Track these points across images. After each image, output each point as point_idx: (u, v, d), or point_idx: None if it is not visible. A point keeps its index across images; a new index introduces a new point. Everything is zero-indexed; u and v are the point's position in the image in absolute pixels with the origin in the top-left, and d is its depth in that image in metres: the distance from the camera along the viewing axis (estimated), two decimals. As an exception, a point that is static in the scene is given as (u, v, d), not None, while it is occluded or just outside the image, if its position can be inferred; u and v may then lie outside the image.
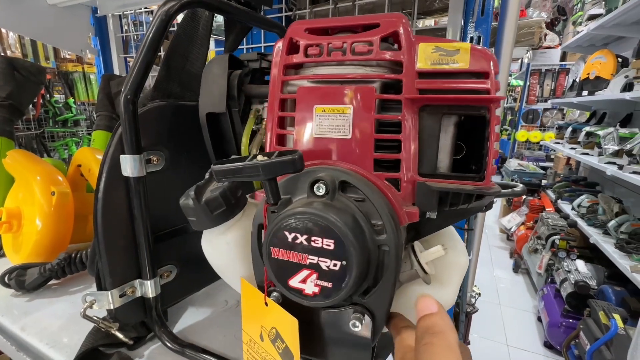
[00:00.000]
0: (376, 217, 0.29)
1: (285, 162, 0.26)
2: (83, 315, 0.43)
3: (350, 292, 0.28)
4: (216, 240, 0.36)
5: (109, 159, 0.41)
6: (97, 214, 0.42)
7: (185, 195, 0.34)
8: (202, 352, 0.47)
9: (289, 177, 0.31)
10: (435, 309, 0.25)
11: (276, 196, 0.28)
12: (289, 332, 0.31)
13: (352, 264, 0.27)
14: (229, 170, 0.26)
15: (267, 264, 0.29)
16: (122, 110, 0.39)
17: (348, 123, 0.30)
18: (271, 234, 0.28)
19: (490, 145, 0.31)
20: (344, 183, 0.29)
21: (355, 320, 0.30)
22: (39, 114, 2.52)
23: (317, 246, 0.27)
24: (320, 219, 0.27)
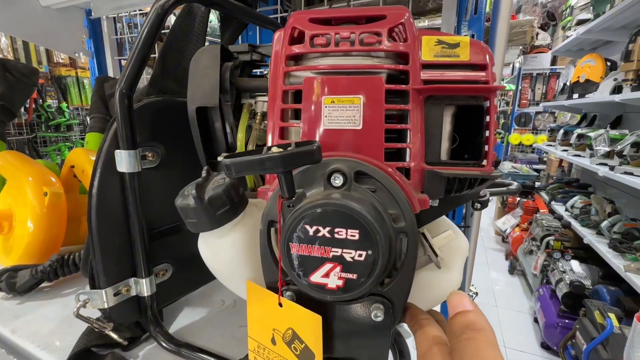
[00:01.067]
0: (391, 206, 0.29)
1: (305, 153, 0.25)
2: (76, 314, 0.42)
3: (375, 281, 0.27)
4: (217, 243, 0.35)
5: (104, 154, 0.41)
6: (91, 211, 0.41)
7: (182, 195, 0.33)
8: (198, 351, 0.46)
9: (301, 169, 0.30)
10: (471, 306, 0.25)
11: (292, 190, 0.27)
12: (309, 330, 0.30)
13: (377, 253, 0.26)
14: (246, 163, 0.25)
15: (285, 261, 0.28)
16: (117, 105, 0.39)
17: (359, 114, 0.30)
18: (289, 229, 0.28)
19: (490, 132, 0.31)
20: (359, 173, 0.29)
21: (376, 311, 0.29)
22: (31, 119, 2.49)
23: (341, 237, 0.27)
24: (345, 209, 0.26)
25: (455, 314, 0.25)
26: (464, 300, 0.26)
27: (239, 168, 0.26)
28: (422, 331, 0.28)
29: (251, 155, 0.26)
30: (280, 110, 0.32)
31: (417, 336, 0.29)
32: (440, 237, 0.32)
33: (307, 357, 0.31)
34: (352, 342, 0.32)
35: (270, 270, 0.32)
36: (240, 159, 0.25)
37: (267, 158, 0.25)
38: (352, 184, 0.29)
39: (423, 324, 0.29)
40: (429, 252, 0.31)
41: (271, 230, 0.32)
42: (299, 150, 0.25)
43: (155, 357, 0.47)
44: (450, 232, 0.32)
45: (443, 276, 0.33)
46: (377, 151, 0.30)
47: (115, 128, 0.40)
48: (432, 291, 0.34)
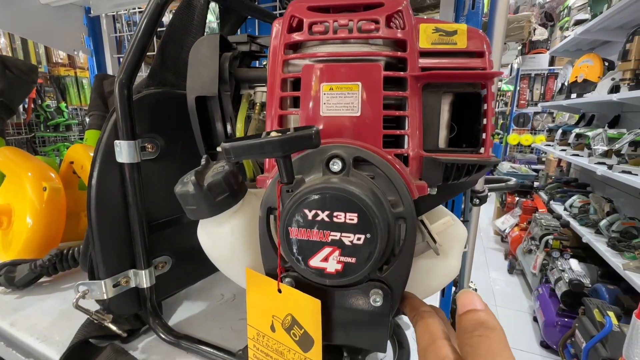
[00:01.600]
0: (390, 192, 0.29)
1: (304, 137, 0.25)
2: (75, 305, 0.42)
3: (374, 266, 0.27)
4: (216, 231, 0.35)
5: (103, 144, 0.41)
6: (91, 201, 0.41)
7: (181, 182, 0.33)
8: (198, 343, 0.46)
9: (300, 155, 0.30)
10: (482, 305, 0.25)
11: (291, 175, 0.28)
12: (308, 315, 0.30)
13: (376, 236, 0.26)
14: (246, 147, 0.25)
15: (284, 246, 0.29)
16: (116, 95, 0.39)
17: (357, 100, 0.30)
18: (288, 214, 0.28)
19: (488, 119, 0.32)
20: (358, 159, 0.29)
21: (375, 296, 0.29)
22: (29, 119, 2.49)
23: (340, 221, 0.27)
24: (344, 192, 0.26)
25: (466, 312, 0.25)
26: (474, 299, 0.25)
27: (238, 152, 0.26)
28: (424, 323, 0.28)
29: (251, 139, 0.26)
30: (279, 99, 0.33)
31: (419, 327, 0.28)
32: (439, 223, 0.32)
33: (306, 342, 0.31)
34: (351, 329, 0.33)
35: (269, 257, 0.32)
36: (239, 143, 0.26)
37: (267, 142, 0.25)
38: (350, 169, 0.29)
39: (424, 316, 0.29)
40: (427, 238, 0.31)
41: (270, 218, 0.32)
42: (297, 134, 0.26)
43: (155, 349, 0.47)
44: (449, 218, 0.32)
45: (441, 263, 0.34)
46: (375, 138, 0.30)
47: (115, 119, 0.41)
48: (431, 278, 0.34)
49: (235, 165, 0.34)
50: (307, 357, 0.31)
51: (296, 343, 0.32)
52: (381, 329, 0.32)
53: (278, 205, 0.29)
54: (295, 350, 0.32)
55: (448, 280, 0.35)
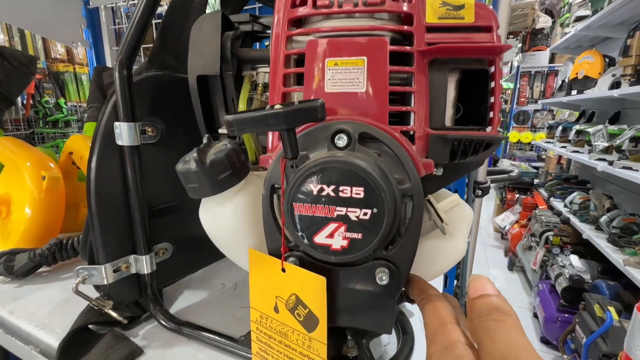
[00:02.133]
0: (396, 169, 0.29)
1: (309, 109, 0.25)
2: (75, 290, 0.42)
3: (380, 242, 0.27)
4: (218, 210, 0.34)
5: (103, 127, 0.40)
6: (90, 185, 0.41)
7: (183, 161, 0.33)
8: (200, 329, 0.45)
9: (304, 132, 0.30)
10: (494, 291, 0.24)
11: (295, 149, 0.27)
12: (313, 294, 0.30)
13: (383, 211, 0.26)
14: (249, 119, 0.25)
15: (289, 222, 0.28)
16: (116, 76, 0.38)
17: (362, 76, 0.29)
18: (293, 189, 0.27)
19: (496, 97, 0.31)
20: (364, 135, 0.29)
21: (381, 274, 0.29)
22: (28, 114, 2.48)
23: (346, 196, 0.26)
24: (350, 166, 0.26)
25: (479, 296, 0.23)
26: (487, 284, 0.24)
27: (241, 124, 0.25)
28: (433, 306, 0.27)
29: (255, 112, 0.25)
30: (282, 76, 0.32)
31: (427, 311, 0.27)
32: (445, 202, 0.32)
33: (311, 322, 0.30)
34: (357, 310, 0.32)
35: (273, 236, 0.31)
36: (243, 115, 0.25)
37: (271, 114, 0.25)
38: (356, 145, 0.28)
39: (433, 299, 0.28)
40: (434, 217, 0.31)
41: (274, 197, 0.31)
42: (302, 106, 0.25)
43: (156, 336, 0.47)
44: (456, 196, 0.32)
45: (447, 244, 0.33)
46: (381, 114, 0.30)
47: (115, 101, 0.40)
48: (436, 260, 0.34)
49: (238, 144, 0.33)
50: (312, 337, 0.31)
51: (300, 323, 0.31)
52: (387, 310, 0.31)
53: (282, 181, 0.29)
54: (300, 331, 0.31)
55: (454, 262, 0.34)
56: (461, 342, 0.23)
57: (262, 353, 0.35)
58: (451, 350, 0.22)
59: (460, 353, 0.22)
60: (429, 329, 0.25)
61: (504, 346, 0.20)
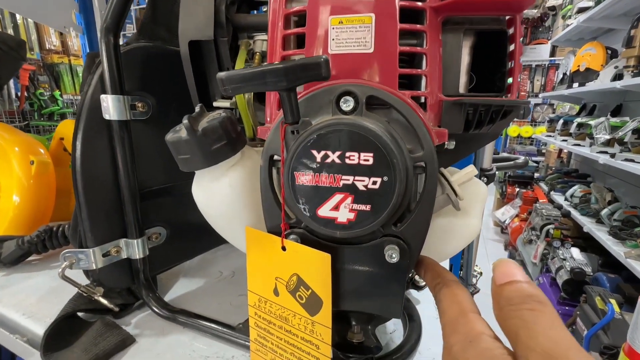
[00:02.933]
0: (408, 138, 0.26)
1: (312, 65, 0.22)
2: (61, 275, 0.39)
3: (390, 215, 0.24)
4: (212, 185, 0.32)
5: (88, 100, 0.37)
6: (76, 162, 0.38)
7: (173, 130, 0.31)
8: (195, 317, 0.43)
9: (306, 96, 0.27)
10: (523, 276, 0.21)
11: (297, 113, 0.25)
12: (316, 273, 0.27)
13: (394, 179, 0.24)
14: (245, 76, 0.22)
15: (289, 194, 0.26)
16: (101, 44, 0.35)
17: (370, 34, 0.27)
18: (294, 157, 0.25)
19: (516, 60, 0.29)
20: (372, 99, 0.26)
21: (391, 251, 0.26)
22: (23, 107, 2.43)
23: (353, 163, 0.24)
24: (358, 128, 0.23)
25: (507, 282, 0.21)
26: (514, 269, 0.21)
27: (235, 82, 0.23)
28: (450, 292, 0.24)
29: (251, 68, 0.23)
30: (282, 38, 0.29)
31: (444, 296, 0.24)
32: (461, 174, 0.29)
33: (314, 304, 0.28)
34: (363, 292, 0.30)
35: (272, 212, 0.29)
36: (237, 72, 0.23)
37: (269, 70, 0.22)
38: (363, 109, 0.26)
39: (451, 285, 0.25)
40: (447, 190, 0.28)
41: (273, 169, 0.29)
42: (304, 61, 0.22)
43: (149, 324, 0.44)
44: (473, 168, 0.29)
45: (461, 222, 0.31)
46: (390, 77, 0.27)
47: (101, 72, 0.37)
48: (449, 239, 0.31)
49: (233, 114, 0.31)
50: (315, 321, 0.28)
51: (302, 306, 0.29)
52: (396, 291, 0.29)
53: (282, 149, 0.26)
54: (302, 314, 0.29)
55: (467, 241, 0.32)
56: (487, 334, 0.20)
57: (261, 340, 0.33)
58: (477, 342, 0.20)
59: (487, 346, 0.19)
60: (447, 317, 0.23)
61: (546, 340, 0.17)
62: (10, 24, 2.38)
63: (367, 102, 0.26)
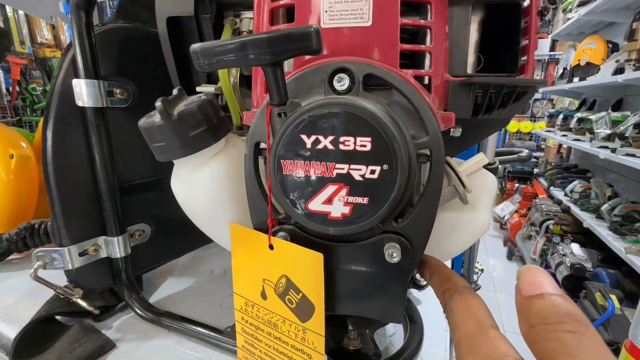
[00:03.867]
0: (411, 122, 0.23)
1: (300, 35, 0.19)
2: (34, 277, 0.36)
3: (390, 208, 0.22)
4: (192, 176, 0.29)
5: (59, 85, 0.34)
6: (47, 154, 0.35)
7: (147, 115, 0.27)
8: (181, 320, 0.40)
9: (294, 75, 0.24)
10: (555, 288, 0.18)
11: (284, 92, 0.22)
12: (307, 274, 0.25)
13: (395, 167, 0.21)
14: (222, 48, 0.19)
15: (276, 186, 0.23)
16: (72, 23, 0.32)
17: (367, 5, 0.24)
18: (281, 143, 0.22)
19: (531, 35, 0.26)
20: (370, 78, 0.23)
21: (391, 250, 0.23)
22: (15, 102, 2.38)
23: (348, 149, 0.21)
24: (354, 109, 0.20)
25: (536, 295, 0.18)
26: (544, 279, 0.18)
27: (211, 55, 0.19)
28: (465, 302, 0.21)
29: (230, 39, 0.19)
30: (269, 11, 0.26)
31: (458, 306, 0.21)
32: (469, 163, 0.26)
33: (305, 309, 0.25)
34: (360, 295, 0.27)
35: (258, 206, 0.26)
36: (214, 43, 0.19)
37: (251, 41, 0.19)
38: (360, 89, 0.23)
39: (464, 293, 0.22)
40: (454, 181, 0.25)
41: (258, 154, 0.26)
42: (291, 30, 0.19)
43: (131, 327, 0.41)
44: (483, 156, 0.26)
45: (468, 216, 0.28)
46: (390, 54, 0.24)
47: (73, 55, 0.34)
48: (455, 235, 0.28)
49: (216, 98, 0.28)
50: (307, 328, 0.25)
51: (292, 311, 0.26)
52: (397, 294, 0.26)
53: (267, 134, 0.23)
54: (292, 320, 0.26)
55: (475, 238, 0.29)
56: (513, 358, 0.17)
57: (248, 347, 0.30)
58: None
59: None
60: (463, 333, 0.20)
61: None
62: (1, 17, 2.33)
63: (365, 81, 0.23)
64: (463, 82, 0.25)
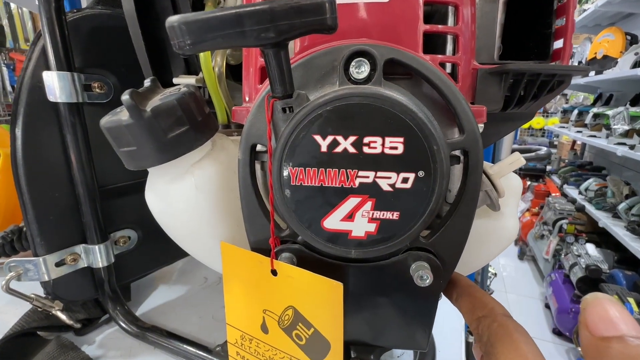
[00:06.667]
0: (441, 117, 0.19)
1: (311, 6, 0.15)
2: (5, 289, 0.33)
3: (427, 224, 0.18)
4: (172, 188, 0.24)
5: (28, 78, 0.31)
6: (16, 154, 0.31)
7: (112, 112, 0.23)
8: (167, 336, 0.37)
9: (300, 61, 0.19)
10: (633, 327, 0.14)
11: (290, 81, 0.17)
12: (322, 306, 0.20)
13: (434, 173, 0.17)
14: (211, 21, 0.14)
15: (280, 199, 0.19)
16: (40, 7, 0.28)
17: None
18: (287, 145, 0.18)
19: (569, 16, 0.21)
20: (392, 65, 0.18)
21: (421, 271, 0.19)
22: (20, 99, 2.39)
23: (375, 152, 0.17)
24: (382, 101, 0.16)
25: (613, 337, 0.15)
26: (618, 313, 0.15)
27: (195, 31, 0.15)
28: (509, 337, 0.18)
29: (220, 9, 0.15)
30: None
31: (499, 342, 0.18)
32: (503, 164, 0.22)
33: (318, 347, 0.21)
34: (380, 322, 0.23)
35: (256, 222, 0.21)
36: (198, 15, 0.15)
37: (249, 12, 0.14)
38: (382, 77, 0.18)
39: (505, 323, 0.18)
40: (486, 186, 0.21)
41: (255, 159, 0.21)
42: (300, 2, 0.15)
43: (115, 342, 0.38)
44: (519, 156, 0.22)
45: (497, 224, 0.23)
46: (412, 36, 0.20)
47: (43, 45, 0.30)
48: (483, 245, 0.24)
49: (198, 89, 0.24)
50: (310, 367, 0.21)
51: (301, 348, 0.22)
52: (424, 320, 0.22)
53: (269, 135, 0.19)
54: (300, 359, 0.22)
55: (504, 247, 0.25)
56: None
57: (238, 379, 0.26)
58: None
59: None
60: None
61: None
62: (5, 15, 2.32)
63: (385, 69, 0.19)
64: (494, 70, 0.20)
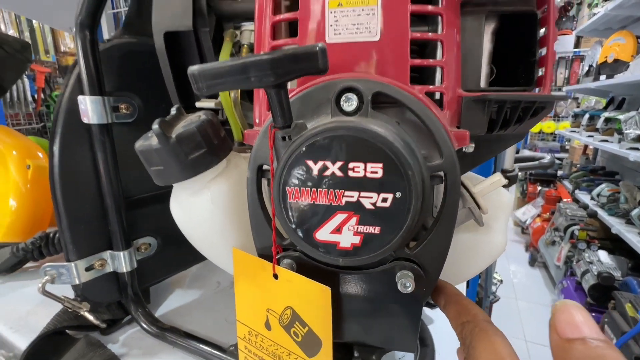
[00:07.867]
0: (423, 142, 0.22)
1: (305, 55, 0.18)
2: (41, 291, 0.37)
3: (404, 238, 0.20)
4: (192, 201, 0.28)
5: (65, 102, 0.34)
6: (54, 170, 0.35)
7: (145, 137, 0.27)
8: (184, 336, 0.40)
9: (299, 94, 0.23)
10: (595, 331, 0.17)
11: (288, 114, 0.20)
12: (314, 308, 0.23)
13: (409, 194, 0.20)
14: (222, 70, 0.18)
15: (281, 214, 0.22)
16: (77, 40, 0.32)
17: (375, 18, 0.22)
18: (286, 168, 0.21)
19: (549, 47, 0.23)
20: (379, 98, 0.21)
21: (405, 279, 0.22)
22: (39, 109, 2.49)
23: (358, 176, 0.20)
24: (364, 133, 0.19)
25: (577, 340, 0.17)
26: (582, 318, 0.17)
27: (210, 78, 0.18)
28: (488, 340, 0.20)
29: (230, 60, 0.18)
30: (271, 25, 0.25)
31: (479, 343, 0.20)
32: (485, 184, 0.24)
33: (311, 343, 0.24)
34: (370, 324, 0.25)
35: (261, 232, 0.25)
36: (213, 65, 0.18)
37: (252, 62, 0.18)
38: (369, 109, 0.21)
39: (488, 330, 0.20)
40: (469, 203, 0.24)
41: (261, 177, 0.25)
42: (295, 50, 0.18)
43: (137, 342, 0.41)
44: (500, 176, 0.24)
45: (484, 238, 0.26)
46: (400, 70, 0.22)
47: (78, 72, 0.34)
48: (470, 259, 0.27)
49: (216, 116, 0.27)
50: (309, 362, 0.24)
51: (298, 345, 0.25)
52: (410, 324, 0.24)
53: (271, 159, 0.22)
54: (297, 354, 0.25)
55: (490, 261, 0.27)
56: None
57: (250, 374, 0.29)
58: None
59: None
60: None
61: None
62: (27, 28, 2.44)
63: (374, 99, 0.22)
64: (477, 98, 0.23)
